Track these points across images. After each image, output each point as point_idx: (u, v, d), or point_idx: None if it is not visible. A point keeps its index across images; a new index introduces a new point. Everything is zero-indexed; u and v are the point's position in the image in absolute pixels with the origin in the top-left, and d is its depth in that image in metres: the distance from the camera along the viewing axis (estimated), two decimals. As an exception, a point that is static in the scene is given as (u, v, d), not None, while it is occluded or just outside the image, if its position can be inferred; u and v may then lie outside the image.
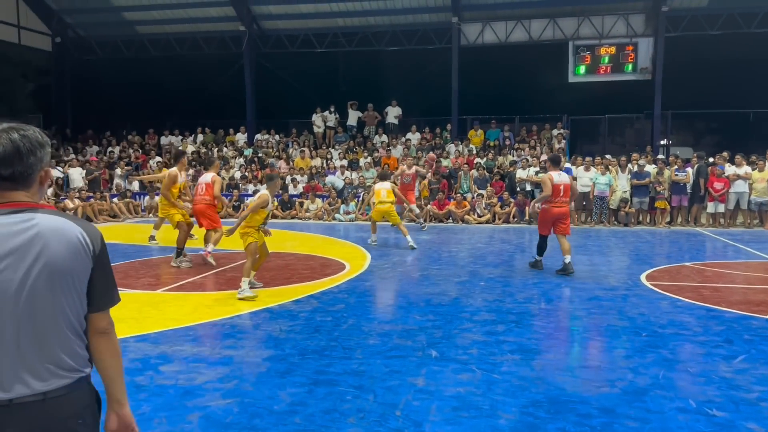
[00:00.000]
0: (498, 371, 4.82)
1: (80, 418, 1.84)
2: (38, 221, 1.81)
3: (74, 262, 1.83)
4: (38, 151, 1.87)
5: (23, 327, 1.77)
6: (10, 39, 22.79)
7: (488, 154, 19.98)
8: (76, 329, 1.87)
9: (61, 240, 1.81)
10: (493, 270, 9.45)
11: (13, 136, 1.83)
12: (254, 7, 23.12)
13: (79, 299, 1.87)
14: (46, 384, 1.78)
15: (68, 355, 1.84)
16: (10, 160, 1.82)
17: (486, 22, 22.11)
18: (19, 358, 1.76)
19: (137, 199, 19.58)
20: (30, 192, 1.88)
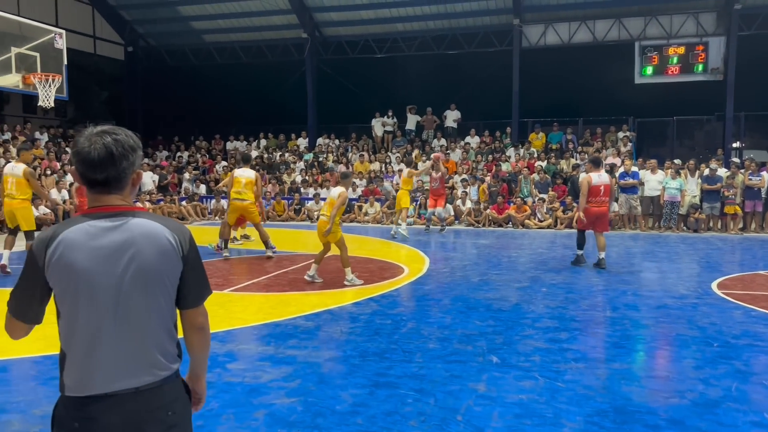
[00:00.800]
0: (562, 379, 4.75)
1: (169, 410, 1.92)
2: (131, 225, 1.87)
3: (165, 265, 1.90)
4: (130, 154, 1.92)
5: (119, 327, 1.86)
6: (86, 49, 23.99)
7: (550, 158, 19.63)
8: (168, 328, 1.95)
9: (152, 243, 1.87)
10: (555, 276, 9.29)
11: (106, 140, 1.88)
12: (317, 14, 23.56)
13: (170, 299, 1.95)
14: (138, 380, 1.87)
15: (160, 353, 1.92)
16: (104, 165, 1.87)
17: (548, 24, 21.77)
18: (116, 356, 1.86)
19: (204, 202, 20.24)
20: (123, 194, 1.94)
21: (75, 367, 1.87)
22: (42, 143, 20.01)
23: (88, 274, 1.83)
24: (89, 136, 1.90)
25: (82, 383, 1.85)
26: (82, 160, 1.88)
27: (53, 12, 22.39)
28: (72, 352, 1.87)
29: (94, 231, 1.85)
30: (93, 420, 1.83)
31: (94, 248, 1.83)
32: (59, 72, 11.61)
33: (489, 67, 22.71)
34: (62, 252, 1.83)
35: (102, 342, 1.85)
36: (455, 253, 12.12)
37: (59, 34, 12.01)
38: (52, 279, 1.85)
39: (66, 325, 1.89)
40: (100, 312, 1.85)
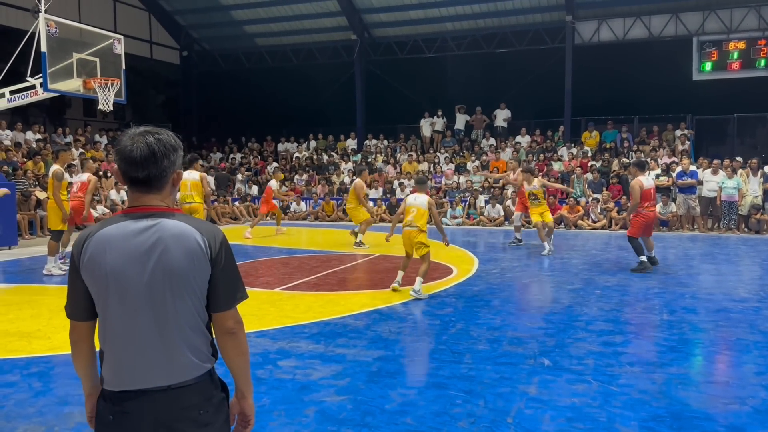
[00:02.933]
0: (616, 383, 4.63)
1: (201, 409, 1.93)
2: (163, 226, 1.89)
3: (192, 267, 1.89)
4: (171, 154, 1.95)
5: (149, 326, 1.89)
6: (143, 54, 24.78)
7: (604, 157, 19.18)
8: (198, 328, 1.95)
9: (180, 245, 1.88)
10: (609, 278, 9.07)
11: (148, 139, 1.91)
12: (366, 16, 23.69)
13: (198, 301, 1.94)
14: (169, 378, 1.90)
15: (191, 352, 1.92)
16: (146, 163, 1.90)
17: (602, 20, 21.28)
18: (147, 354, 1.89)
19: (256, 202, 20.60)
20: (162, 194, 1.96)
21: (110, 364, 1.92)
22: (102, 146, 20.78)
23: (119, 273, 1.87)
24: (132, 135, 1.94)
25: (116, 379, 1.91)
26: (125, 158, 1.92)
27: (112, 18, 23.22)
28: (107, 349, 1.93)
29: (127, 231, 1.88)
30: (126, 414, 1.88)
31: (126, 248, 1.87)
32: (118, 76, 12.03)
33: (540, 65, 22.34)
34: (94, 251, 1.88)
35: (133, 340, 1.89)
36: (505, 254, 11.97)
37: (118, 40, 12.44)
38: (86, 278, 1.90)
39: (101, 323, 1.94)
40: (130, 311, 1.89)
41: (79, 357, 2.04)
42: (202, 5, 24.46)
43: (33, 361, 5.32)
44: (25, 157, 16.88)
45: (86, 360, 2.05)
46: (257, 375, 4.78)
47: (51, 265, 9.51)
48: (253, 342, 5.73)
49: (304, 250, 12.66)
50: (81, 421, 3.95)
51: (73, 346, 2.04)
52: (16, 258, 11.48)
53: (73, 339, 2.03)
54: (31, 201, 14.77)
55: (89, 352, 2.04)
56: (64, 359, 5.33)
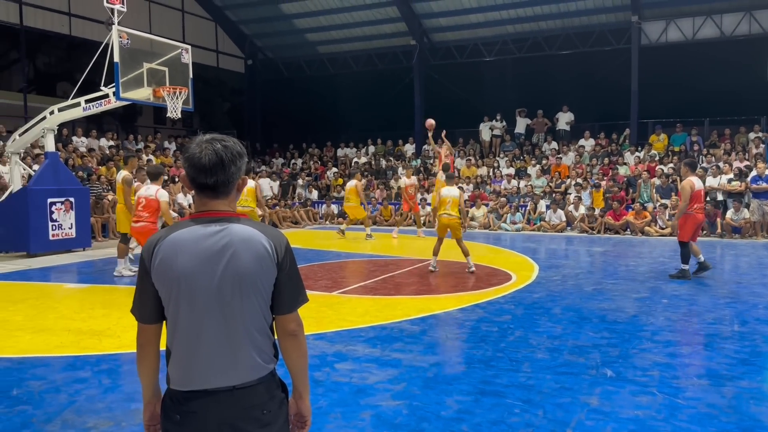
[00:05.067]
0: (682, 396, 4.44)
1: (264, 409, 1.98)
2: (231, 230, 1.95)
3: (260, 270, 1.95)
4: (238, 161, 2.00)
5: (217, 328, 1.94)
6: (210, 63, 25.59)
7: (673, 160, 18.48)
8: (263, 330, 2.01)
9: (248, 249, 1.94)
10: (677, 287, 8.71)
11: (216, 146, 1.97)
12: (425, 21, 23.70)
13: (264, 303, 2.00)
14: (235, 378, 1.95)
15: (256, 353, 1.98)
16: (214, 170, 1.96)
17: (670, 20, 20.56)
18: (214, 355, 1.94)
19: (316, 207, 20.92)
20: (228, 199, 2.02)
21: (177, 364, 1.98)
22: (170, 152, 21.56)
23: (190, 276, 1.92)
24: (200, 142, 2.00)
25: (184, 379, 1.96)
26: (194, 165, 1.98)
27: (180, 29, 24.10)
28: (175, 350, 1.98)
29: (197, 235, 1.94)
30: (193, 414, 1.93)
31: (195, 252, 1.93)
32: (186, 85, 12.43)
33: (605, 66, 21.76)
34: (165, 255, 1.93)
35: (201, 342, 1.95)
36: (567, 261, 11.70)
37: (186, 50, 12.86)
38: (156, 281, 1.96)
39: (169, 323, 2.00)
40: (199, 313, 1.94)
41: (144, 360, 2.10)
42: (267, 15, 25.07)
43: (103, 358, 5.56)
44: (99, 163, 17.71)
45: (152, 364, 2.10)
46: (314, 377, 4.83)
47: (121, 266, 9.90)
48: (311, 344, 5.80)
49: (361, 254, 12.74)
50: (146, 417, 4.10)
51: (140, 349, 2.09)
52: (90, 259, 12.04)
53: (140, 342, 2.09)
54: (104, 204, 15.48)
55: (155, 356, 2.09)
56: (132, 357, 5.53)
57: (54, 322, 6.87)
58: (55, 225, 12.63)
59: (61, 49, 24.33)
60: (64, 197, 12.80)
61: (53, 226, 12.60)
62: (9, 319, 7.03)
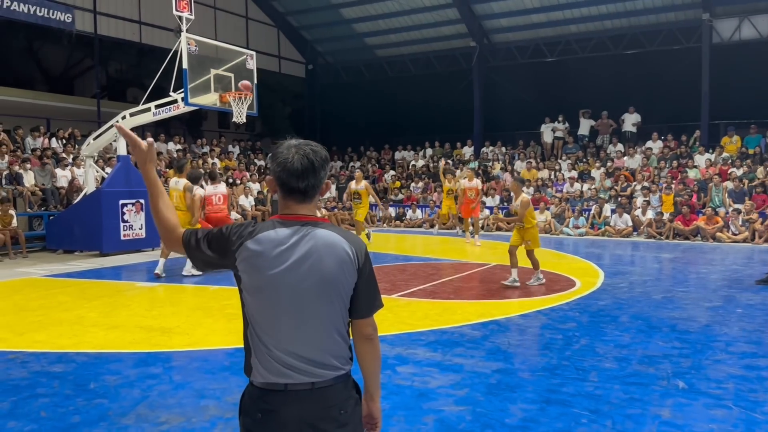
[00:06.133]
0: (760, 410, 4.22)
1: (341, 409, 2.02)
2: (315, 234, 2.01)
3: (342, 275, 2.01)
4: (326, 165, 2.07)
5: (297, 328, 2.00)
6: (272, 68, 26.13)
7: (747, 163, 17.65)
8: (341, 332, 2.06)
9: (332, 254, 1.99)
10: (752, 296, 8.31)
11: (306, 150, 2.02)
12: (485, 22, 23.49)
13: (344, 306, 2.05)
14: (314, 376, 1.99)
15: (333, 355, 2.02)
16: (306, 174, 2.01)
17: (743, 17, 19.67)
18: (293, 353, 1.99)
19: (373, 210, 21.00)
20: (312, 204, 2.08)
21: (258, 359, 2.03)
22: (234, 155, 22.12)
23: (274, 276, 1.97)
24: (289, 147, 2.04)
25: (264, 373, 2.01)
26: (286, 169, 2.01)
27: (244, 35, 24.72)
28: (255, 344, 2.04)
29: (282, 237, 1.99)
30: (274, 412, 1.98)
31: (281, 253, 1.97)
32: (250, 90, 12.75)
33: (673, 66, 20.99)
34: (253, 251, 1.98)
35: (282, 340, 2.00)
36: (634, 267, 11.34)
37: (250, 56, 13.18)
38: (242, 271, 2.02)
39: (251, 319, 2.05)
40: (281, 312, 1.99)
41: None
42: (327, 20, 25.41)
43: (173, 355, 5.75)
44: (167, 166, 18.35)
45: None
46: (377, 380, 4.85)
47: (190, 266, 10.19)
48: (372, 347, 5.83)
49: (420, 257, 12.72)
50: (217, 414, 4.21)
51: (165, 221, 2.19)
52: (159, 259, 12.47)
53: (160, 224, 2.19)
54: (171, 206, 16.00)
55: None
56: (202, 354, 5.72)
57: (126, 319, 7.16)
58: (126, 225, 13.17)
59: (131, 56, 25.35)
60: (134, 199, 13.32)
61: (124, 227, 13.14)
62: (85, 315, 7.36)
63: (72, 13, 18.07)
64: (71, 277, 10.32)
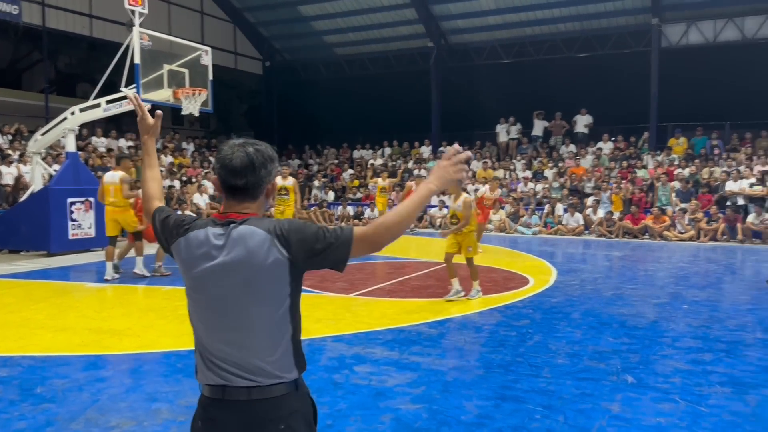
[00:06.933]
0: (705, 404, 4.38)
1: (283, 424, 1.91)
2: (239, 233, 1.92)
3: (267, 271, 1.89)
4: (269, 164, 2.02)
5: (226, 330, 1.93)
6: (228, 65, 25.75)
7: (693, 164, 18.28)
8: (274, 335, 1.93)
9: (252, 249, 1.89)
10: (698, 292, 8.61)
11: (248, 149, 1.99)
12: (443, 23, 23.66)
13: (278, 306, 1.92)
14: (248, 381, 1.91)
15: (266, 360, 1.92)
16: (244, 172, 1.97)
17: (690, 22, 20.35)
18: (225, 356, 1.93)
19: (332, 208, 20.96)
20: (257, 202, 2.03)
21: (199, 361, 2.00)
22: (188, 152, 21.73)
23: (199, 276, 1.95)
24: (232, 145, 2.03)
25: (203, 378, 1.98)
26: (224, 166, 1.99)
27: (200, 31, 24.28)
28: (196, 347, 2.02)
29: (210, 236, 1.94)
30: (213, 421, 1.94)
31: (205, 253, 1.94)
32: (205, 86, 12.53)
33: (624, 69, 21.58)
34: (183, 248, 1.99)
35: (212, 342, 1.95)
36: (585, 265, 11.62)
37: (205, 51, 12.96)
38: (178, 267, 2.04)
39: (190, 319, 2.04)
40: (209, 313, 1.96)
41: None
42: (284, 17, 25.18)
43: (124, 358, 5.61)
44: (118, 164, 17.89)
45: None
46: (333, 379, 4.84)
47: (140, 265, 9.94)
48: (329, 346, 5.82)
49: (378, 256, 12.74)
50: (169, 418, 4.13)
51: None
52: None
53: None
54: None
55: None
56: (154, 357, 5.60)
57: (75, 321, 6.95)
58: (74, 224, 12.78)
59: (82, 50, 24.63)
60: (83, 197, 12.94)
61: (73, 226, 12.75)
62: (31, 317, 7.12)
63: (19, 5, 17.43)
64: (17, 278, 9.97)
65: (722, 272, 10.66)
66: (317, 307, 7.53)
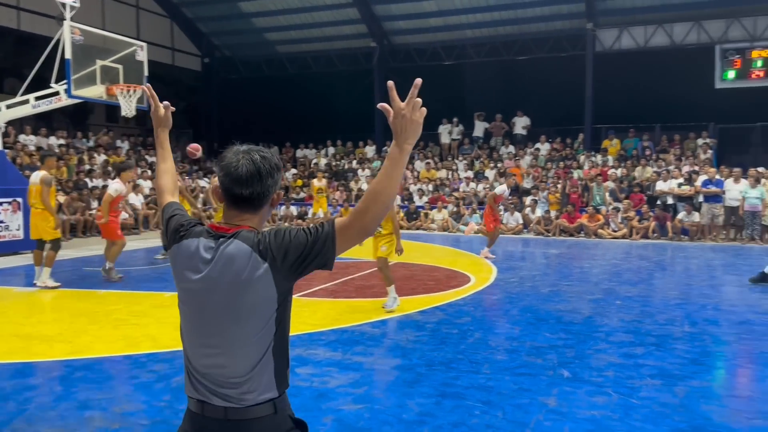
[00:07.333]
0: (637, 396, 4.56)
1: None
2: (228, 246, 1.85)
3: (249, 287, 1.81)
4: (275, 173, 1.93)
5: (206, 345, 1.86)
6: (165, 60, 25.07)
7: (625, 165, 18.99)
8: (251, 355, 1.84)
9: (235, 266, 1.82)
10: (630, 288, 8.96)
11: (254, 157, 1.89)
12: (386, 23, 23.76)
13: (260, 324, 1.83)
14: (224, 400, 1.84)
15: (243, 379, 1.84)
16: (251, 181, 1.87)
17: (623, 27, 21.12)
18: (204, 370, 1.87)
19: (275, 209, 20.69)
20: (259, 213, 1.94)
21: (185, 371, 1.94)
22: (123, 151, 21.04)
23: (185, 288, 1.90)
24: (237, 152, 1.93)
25: (186, 389, 1.93)
26: (229, 175, 1.89)
27: (135, 26, 23.55)
28: (184, 360, 1.96)
29: (200, 248, 1.88)
30: None
31: (194, 265, 1.88)
32: (140, 83, 12.17)
33: (560, 72, 22.22)
34: (175, 255, 1.94)
35: (194, 354, 1.90)
36: (524, 263, 11.89)
37: (140, 47, 12.60)
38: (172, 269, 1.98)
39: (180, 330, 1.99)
40: (191, 326, 1.91)
41: None
42: (224, 13, 24.71)
43: (54, 365, 5.38)
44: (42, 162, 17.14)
45: None
46: (275, 382, 4.78)
47: (46, 277, 8.88)
48: (270, 348, 5.74)
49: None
50: (102, 426, 3.98)
51: None
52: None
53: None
54: (54, 205, 14.97)
55: None
56: (85, 363, 5.39)
57: (2, 327, 6.62)
58: (1, 226, 12.19)
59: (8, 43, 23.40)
60: (11, 197, 12.35)
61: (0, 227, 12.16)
62: (-48, 324, 6.74)
63: (-63, -6, 16.46)
64: (-64, 283, 9.41)
65: (653, 269, 11.11)
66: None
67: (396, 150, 1.91)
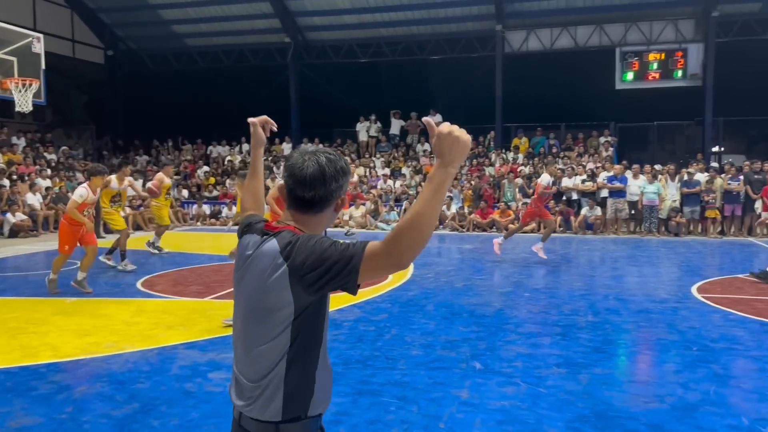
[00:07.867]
0: (543, 385, 4.76)
1: None
2: (265, 243, 1.84)
3: (269, 290, 1.78)
4: (341, 177, 1.87)
5: (235, 344, 1.94)
6: (64, 52, 23.70)
7: (533, 162, 19.76)
8: (265, 359, 1.81)
9: (263, 265, 1.81)
10: (538, 281, 9.34)
11: (321, 159, 1.85)
12: (299, 19, 23.52)
13: (277, 328, 1.78)
14: (240, 399, 1.88)
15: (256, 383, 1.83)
16: (314, 183, 1.83)
17: (530, 30, 21.94)
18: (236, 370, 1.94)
19: (186, 207, 20.07)
20: (318, 216, 1.88)
21: None
22: (19, 148, 19.73)
23: (235, 283, 1.97)
24: (303, 153, 1.89)
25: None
26: (293, 176, 1.85)
27: (31, 15, 22.10)
28: None
29: (249, 243, 1.91)
30: None
31: (241, 264, 1.93)
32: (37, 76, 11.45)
33: (472, 72, 22.83)
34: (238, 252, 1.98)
35: (235, 357, 1.97)
36: (440, 259, 12.13)
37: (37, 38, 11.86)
38: None
39: None
40: (234, 324, 1.99)
41: None
42: (128, 3, 23.65)
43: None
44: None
45: None
46: (186, 388, 4.64)
47: None
48: (181, 354, 5.57)
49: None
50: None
51: None
52: None
53: None
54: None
55: None
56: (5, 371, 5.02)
57: None
58: None
59: None
60: None
61: None
62: None
63: None
64: None
65: (559, 261, 11.63)
66: (169, 312, 7.19)
67: (441, 172, 1.67)
